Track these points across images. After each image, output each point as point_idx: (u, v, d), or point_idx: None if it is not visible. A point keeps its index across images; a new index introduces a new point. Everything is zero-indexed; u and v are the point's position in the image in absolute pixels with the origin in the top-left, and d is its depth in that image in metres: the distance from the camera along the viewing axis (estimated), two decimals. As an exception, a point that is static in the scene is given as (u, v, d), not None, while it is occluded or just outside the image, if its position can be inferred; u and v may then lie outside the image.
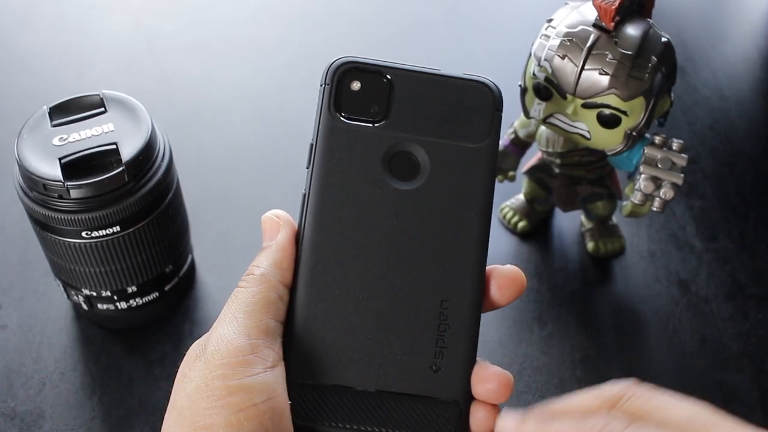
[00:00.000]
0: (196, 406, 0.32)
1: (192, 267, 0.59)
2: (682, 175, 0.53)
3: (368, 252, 0.34)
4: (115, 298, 0.53)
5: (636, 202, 0.53)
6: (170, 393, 0.33)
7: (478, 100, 0.35)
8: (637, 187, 0.53)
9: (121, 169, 0.48)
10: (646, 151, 0.53)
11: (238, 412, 0.31)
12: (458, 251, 0.35)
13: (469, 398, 0.34)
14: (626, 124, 0.50)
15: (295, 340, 0.34)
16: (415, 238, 0.34)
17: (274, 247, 0.35)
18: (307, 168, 0.35)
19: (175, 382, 0.34)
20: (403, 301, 0.34)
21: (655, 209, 0.53)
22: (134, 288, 0.53)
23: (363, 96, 0.35)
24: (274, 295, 0.34)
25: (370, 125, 0.35)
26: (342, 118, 0.35)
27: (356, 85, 0.35)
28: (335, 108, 0.35)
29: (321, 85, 0.36)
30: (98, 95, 0.51)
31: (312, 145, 0.35)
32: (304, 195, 0.35)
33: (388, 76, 0.35)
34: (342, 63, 0.36)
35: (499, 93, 0.35)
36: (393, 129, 0.35)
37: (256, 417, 0.31)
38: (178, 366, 0.33)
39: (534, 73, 0.52)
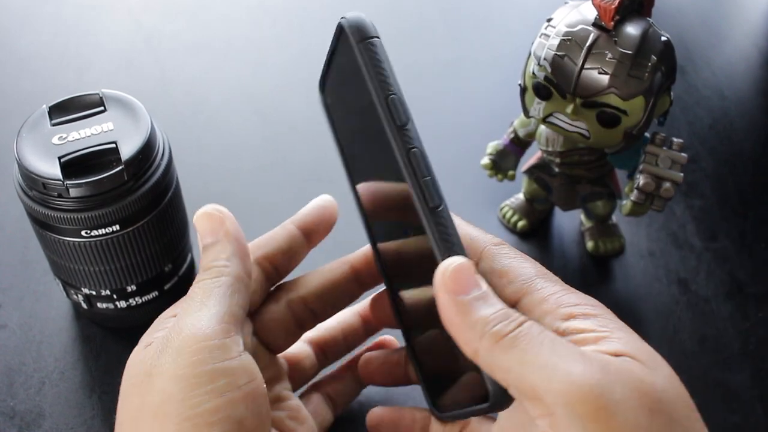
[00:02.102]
0: (177, 398, 0.31)
1: (191, 266, 0.59)
2: (682, 174, 0.53)
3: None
4: (115, 297, 0.53)
5: (636, 201, 0.53)
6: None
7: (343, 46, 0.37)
8: (636, 186, 0.53)
9: (120, 168, 0.48)
10: (645, 150, 0.53)
11: (224, 395, 0.30)
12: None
13: None
14: (626, 123, 0.50)
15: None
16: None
17: (225, 240, 0.35)
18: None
19: (132, 386, 0.32)
20: None
21: (654, 208, 0.53)
22: (134, 287, 0.53)
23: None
24: (239, 284, 0.34)
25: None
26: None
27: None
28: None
29: (372, 38, 0.36)
30: (98, 94, 0.51)
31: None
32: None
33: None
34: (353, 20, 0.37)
35: (350, 22, 0.36)
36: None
37: (242, 400, 0.30)
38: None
39: (533, 73, 0.52)
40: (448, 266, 0.30)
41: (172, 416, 0.31)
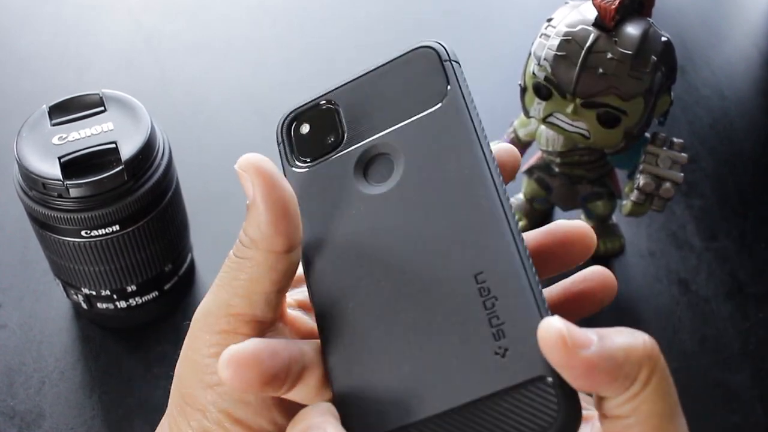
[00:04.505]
0: (181, 371, 0.31)
1: (191, 266, 0.59)
2: (682, 174, 0.53)
3: (383, 273, 0.30)
4: (115, 297, 0.53)
5: (636, 201, 0.53)
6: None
7: (423, 66, 0.32)
8: (636, 186, 0.53)
9: (120, 168, 0.48)
10: (645, 150, 0.53)
11: (216, 386, 0.30)
12: (471, 215, 0.29)
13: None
14: (626, 123, 0.50)
15: (340, 399, 0.29)
16: (422, 229, 0.30)
17: (258, 204, 0.29)
18: None
19: None
20: (434, 301, 0.29)
21: (654, 208, 0.53)
22: (134, 287, 0.53)
23: (316, 133, 0.34)
24: (264, 268, 0.29)
25: (332, 154, 0.33)
26: (306, 164, 0.33)
27: (305, 128, 0.34)
28: (296, 159, 0.34)
29: (278, 145, 0.35)
30: (98, 94, 0.51)
31: None
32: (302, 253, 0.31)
33: (329, 101, 0.34)
34: (283, 117, 0.35)
35: (442, 46, 0.33)
36: (353, 142, 0.32)
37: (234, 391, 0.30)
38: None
39: (534, 73, 0.52)
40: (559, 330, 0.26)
41: (173, 390, 0.31)
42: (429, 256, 0.29)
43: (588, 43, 0.49)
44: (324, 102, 0.34)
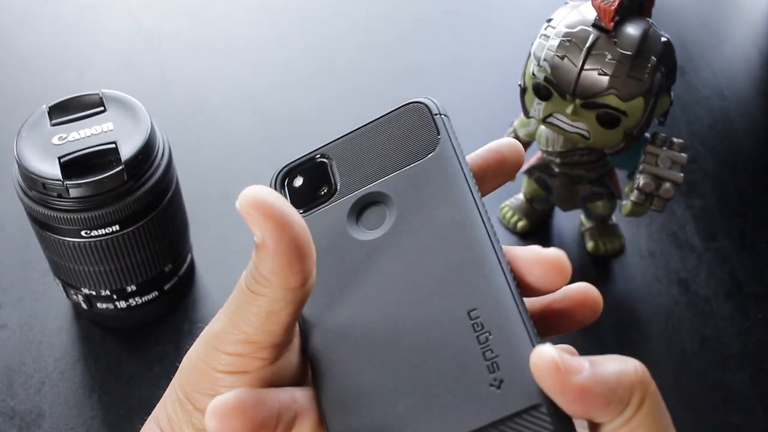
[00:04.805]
0: (189, 374, 0.31)
1: (191, 266, 0.59)
2: (682, 174, 0.53)
3: (376, 314, 0.30)
4: (115, 297, 0.53)
5: (635, 201, 0.53)
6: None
7: (414, 119, 0.34)
8: (636, 186, 0.53)
9: (120, 168, 0.48)
10: (645, 150, 0.53)
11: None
12: (462, 255, 0.30)
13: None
14: (626, 123, 0.50)
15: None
16: (416, 270, 0.31)
17: (269, 246, 0.28)
18: None
19: None
20: (429, 339, 0.29)
21: (654, 209, 0.53)
22: (134, 287, 0.53)
23: (309, 186, 0.34)
24: (281, 303, 0.28)
25: (324, 205, 0.33)
26: (300, 214, 0.32)
27: (299, 181, 0.35)
28: None
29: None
30: (97, 94, 0.51)
31: None
32: None
33: (322, 155, 0.35)
34: (277, 173, 0.36)
35: (432, 101, 0.34)
36: (346, 193, 0.33)
37: None
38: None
39: (533, 73, 0.52)
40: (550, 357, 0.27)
41: (176, 385, 0.32)
42: (422, 296, 0.30)
43: (588, 44, 0.49)
44: (318, 156, 0.35)
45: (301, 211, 0.33)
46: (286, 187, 0.35)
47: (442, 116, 0.34)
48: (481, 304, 0.29)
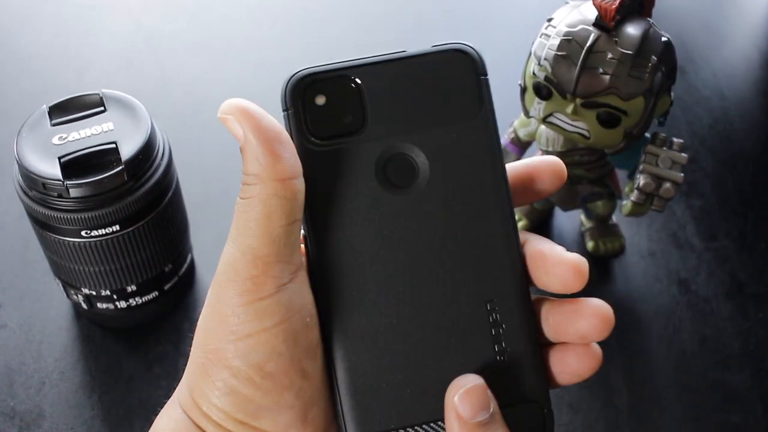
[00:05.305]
0: (207, 327, 0.31)
1: (191, 266, 0.59)
2: (682, 174, 0.53)
3: (394, 278, 0.30)
4: (115, 297, 0.53)
5: (636, 201, 0.53)
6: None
7: (457, 72, 0.31)
8: (636, 186, 0.53)
9: (120, 168, 0.48)
10: (646, 150, 0.53)
11: (247, 337, 0.29)
12: (488, 242, 0.31)
13: (546, 396, 0.32)
14: (626, 123, 0.50)
15: (346, 396, 0.30)
16: (436, 243, 0.30)
17: (252, 143, 0.30)
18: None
19: None
20: (446, 317, 0.31)
21: (654, 209, 0.53)
22: (134, 287, 0.53)
23: (332, 109, 0.31)
24: (274, 200, 0.29)
25: (349, 139, 0.30)
26: (316, 142, 0.31)
27: (321, 100, 0.31)
28: (307, 132, 0.31)
29: (283, 111, 0.31)
30: (98, 94, 0.51)
31: None
32: (305, 237, 0.31)
33: (354, 77, 0.31)
34: (299, 79, 0.31)
35: (478, 55, 0.32)
36: (375, 136, 0.31)
37: (267, 342, 0.29)
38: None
39: (534, 73, 0.52)
40: (464, 386, 0.30)
41: (200, 342, 0.31)
42: (444, 274, 0.31)
43: (588, 43, 0.49)
44: (349, 76, 0.31)
45: (322, 139, 0.31)
46: (301, 98, 0.31)
47: (487, 78, 0.32)
48: (499, 296, 0.31)
